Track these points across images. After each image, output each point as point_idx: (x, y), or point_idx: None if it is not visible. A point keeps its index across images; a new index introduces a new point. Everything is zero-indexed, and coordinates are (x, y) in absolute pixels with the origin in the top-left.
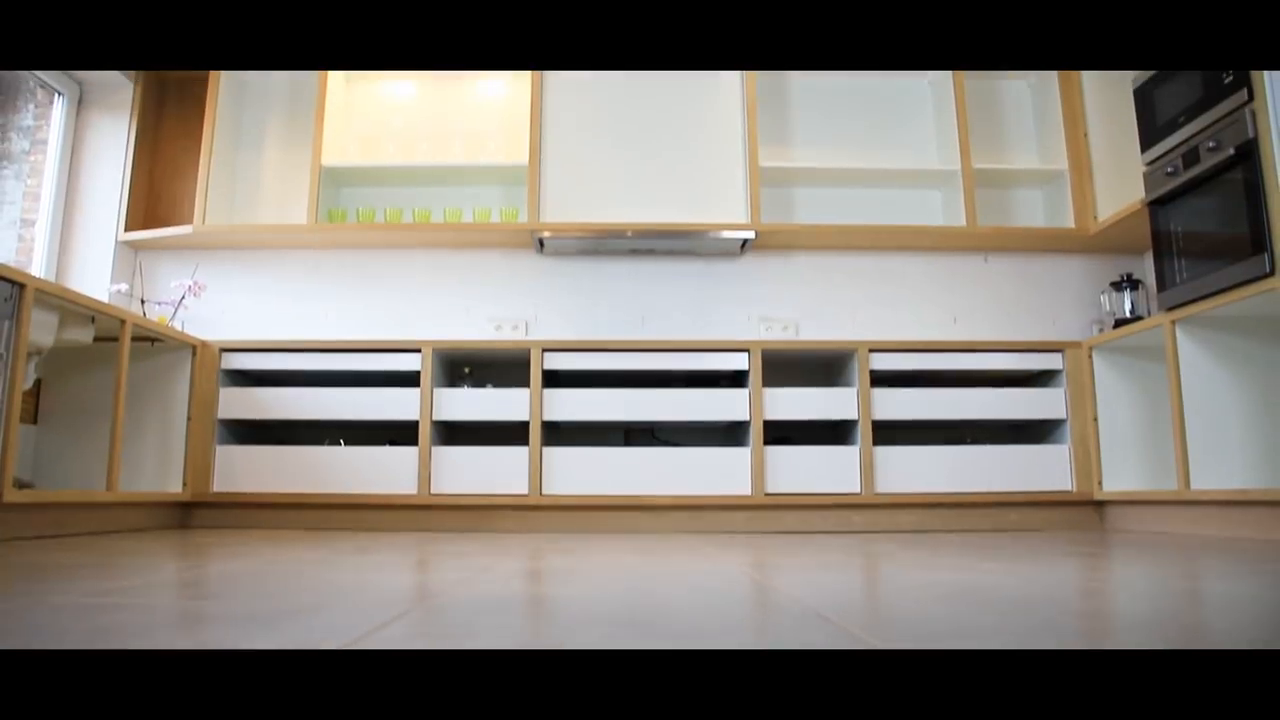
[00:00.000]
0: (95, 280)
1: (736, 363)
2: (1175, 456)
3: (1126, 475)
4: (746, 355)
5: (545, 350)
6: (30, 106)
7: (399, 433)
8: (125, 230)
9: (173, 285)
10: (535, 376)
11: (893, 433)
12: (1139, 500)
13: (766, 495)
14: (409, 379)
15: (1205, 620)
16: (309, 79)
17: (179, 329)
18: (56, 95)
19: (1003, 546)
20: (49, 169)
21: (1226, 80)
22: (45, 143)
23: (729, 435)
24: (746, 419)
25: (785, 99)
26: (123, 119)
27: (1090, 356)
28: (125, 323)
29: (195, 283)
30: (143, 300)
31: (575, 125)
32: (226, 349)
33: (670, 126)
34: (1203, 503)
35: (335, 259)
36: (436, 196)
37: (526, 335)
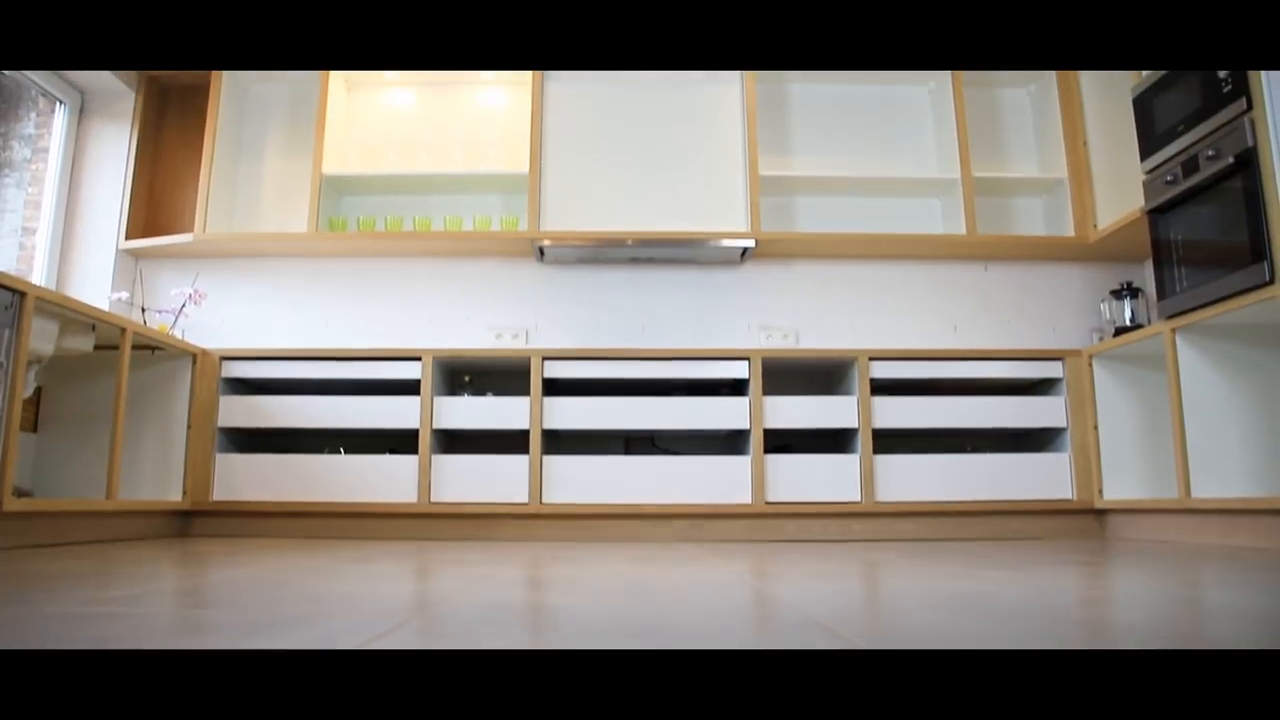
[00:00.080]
0: (96, 288)
1: (737, 371)
2: (1176, 465)
3: (1127, 484)
4: (747, 364)
5: (545, 358)
6: (32, 115)
7: (399, 441)
8: (126, 239)
9: (173, 293)
10: (535, 385)
11: (893, 441)
12: (1140, 509)
13: (767, 504)
14: (409, 387)
15: (1206, 630)
16: (310, 87)
17: (179, 337)
18: (58, 104)
19: (1003, 555)
20: (50, 177)
21: (1225, 89)
22: (47, 151)
23: (729, 444)
24: (747, 427)
25: (785, 108)
26: (124, 127)
27: (1090, 365)
28: (126, 331)
29: (196, 291)
30: (143, 308)
31: (576, 133)
32: (227, 357)
33: (670, 135)
34: (1204, 511)
35: (336, 267)
36: (437, 205)
37: (527, 343)
